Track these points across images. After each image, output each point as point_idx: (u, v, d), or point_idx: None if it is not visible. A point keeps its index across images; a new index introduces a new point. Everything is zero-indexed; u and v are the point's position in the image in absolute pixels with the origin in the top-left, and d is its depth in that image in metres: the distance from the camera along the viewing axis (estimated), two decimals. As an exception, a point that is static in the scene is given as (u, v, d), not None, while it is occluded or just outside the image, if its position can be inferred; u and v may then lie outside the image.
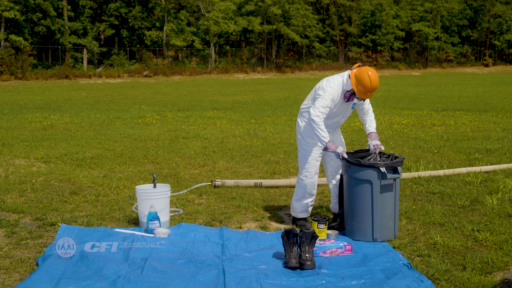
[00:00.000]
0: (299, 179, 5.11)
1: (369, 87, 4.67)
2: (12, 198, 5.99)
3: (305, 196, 5.09)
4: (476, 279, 3.70)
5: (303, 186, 5.07)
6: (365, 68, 4.73)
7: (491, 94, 22.81)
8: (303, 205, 5.11)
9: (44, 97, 22.10)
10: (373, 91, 4.71)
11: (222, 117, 14.43)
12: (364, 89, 4.70)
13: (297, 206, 5.13)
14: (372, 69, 4.71)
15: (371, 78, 4.65)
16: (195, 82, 36.62)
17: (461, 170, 7.17)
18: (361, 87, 4.71)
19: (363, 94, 4.74)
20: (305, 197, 5.09)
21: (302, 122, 5.10)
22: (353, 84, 4.74)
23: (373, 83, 4.66)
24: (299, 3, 51.46)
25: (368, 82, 4.65)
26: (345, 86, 4.83)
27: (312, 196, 5.13)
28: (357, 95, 4.80)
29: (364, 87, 4.69)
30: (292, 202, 5.18)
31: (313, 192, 5.11)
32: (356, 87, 4.72)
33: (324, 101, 4.79)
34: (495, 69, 57.41)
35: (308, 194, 5.09)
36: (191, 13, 51.50)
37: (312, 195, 5.12)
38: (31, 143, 9.81)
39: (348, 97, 4.84)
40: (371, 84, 4.66)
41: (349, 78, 4.78)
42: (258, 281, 3.73)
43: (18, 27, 41.92)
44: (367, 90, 4.70)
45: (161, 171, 7.47)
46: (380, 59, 55.05)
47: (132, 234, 4.71)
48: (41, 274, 3.75)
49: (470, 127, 12.06)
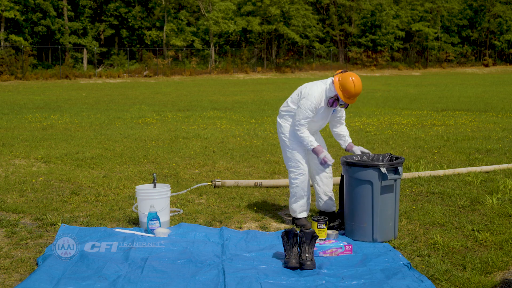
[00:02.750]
0: (291, 180, 5.15)
1: (353, 92, 4.77)
2: (12, 198, 5.99)
3: (302, 195, 5.11)
4: (476, 279, 3.70)
5: (297, 186, 5.11)
6: (348, 73, 4.84)
7: (491, 94, 22.82)
8: (301, 204, 5.12)
9: (44, 97, 22.11)
10: (357, 95, 4.82)
11: (222, 117, 14.44)
12: (348, 94, 4.79)
13: (295, 207, 5.14)
14: (355, 75, 4.82)
15: (355, 83, 4.76)
16: (195, 82, 36.63)
17: (461, 170, 7.17)
18: (345, 93, 4.79)
19: (347, 99, 4.83)
20: (302, 197, 5.11)
21: (284, 123, 5.17)
22: (337, 90, 4.82)
23: (357, 87, 4.77)
24: (299, 3, 51.48)
25: (352, 87, 4.75)
26: (328, 93, 4.92)
27: (308, 194, 5.15)
28: (340, 100, 4.88)
29: (348, 92, 4.78)
30: (289, 203, 5.19)
31: (307, 189, 5.13)
32: (341, 92, 4.80)
33: (305, 113, 4.90)
34: (495, 69, 57.41)
35: (304, 192, 5.12)
36: (191, 13, 51.51)
37: (308, 192, 5.14)
38: (31, 143, 9.81)
39: (332, 103, 4.92)
40: (355, 89, 4.76)
41: (333, 84, 4.86)
42: (258, 281, 3.73)
43: (18, 27, 41.93)
44: (351, 95, 4.79)
45: (161, 171, 7.47)
46: (380, 59, 55.05)
47: (132, 234, 4.71)
48: (41, 274, 3.75)
49: (470, 127, 12.06)
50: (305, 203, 5.13)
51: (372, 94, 23.98)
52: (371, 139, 10.35)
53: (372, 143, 9.86)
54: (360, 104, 18.37)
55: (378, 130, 11.70)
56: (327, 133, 11.17)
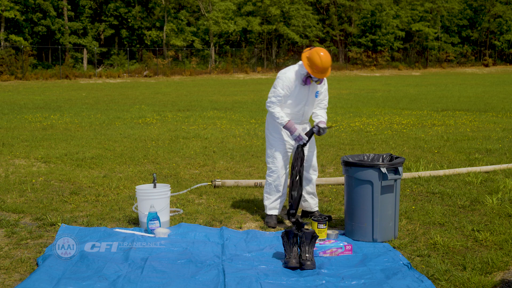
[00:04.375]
0: (266, 177, 5.21)
1: (321, 66, 4.80)
2: (12, 198, 5.99)
3: (274, 193, 5.16)
4: (476, 279, 3.70)
5: (270, 184, 5.17)
6: (316, 48, 4.88)
7: (491, 94, 22.82)
8: (271, 202, 5.17)
9: (44, 97, 22.11)
10: (325, 69, 4.83)
11: (222, 117, 14.43)
12: (316, 69, 4.83)
13: (266, 203, 5.20)
14: (322, 49, 4.86)
15: (321, 57, 4.78)
16: (195, 82, 36.62)
17: (461, 170, 7.17)
18: (313, 68, 4.83)
19: (317, 74, 4.85)
20: (273, 195, 5.16)
21: (269, 118, 5.23)
22: (306, 66, 4.87)
23: (324, 61, 4.79)
24: (299, 3, 51.48)
25: (319, 61, 4.78)
26: (301, 71, 4.97)
27: (279, 193, 5.17)
28: (313, 77, 4.91)
29: (316, 67, 4.82)
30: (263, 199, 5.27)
31: (280, 189, 5.16)
32: (309, 68, 4.85)
33: (276, 91, 4.99)
34: (495, 69, 57.40)
35: (276, 191, 5.15)
36: (191, 13, 51.51)
37: (280, 192, 5.17)
38: (31, 143, 9.81)
39: (305, 80, 4.96)
40: (322, 63, 4.78)
41: (302, 60, 4.93)
42: (258, 281, 3.73)
43: (18, 27, 41.93)
44: (319, 69, 4.82)
45: (161, 171, 7.47)
46: (380, 59, 55.05)
47: (132, 234, 4.70)
48: (41, 274, 3.75)
49: (470, 127, 12.06)
50: (277, 201, 5.17)
51: (372, 94, 23.99)
52: (371, 139, 10.35)
53: (372, 143, 9.86)
54: (360, 104, 18.37)
55: (378, 130, 11.70)
56: (326, 133, 11.17)
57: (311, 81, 4.96)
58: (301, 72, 4.97)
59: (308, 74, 4.91)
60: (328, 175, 7.27)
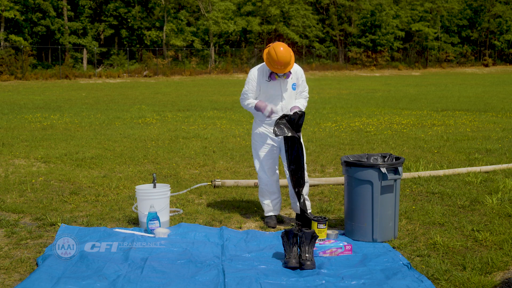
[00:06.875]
0: (257, 181, 5.23)
1: (276, 60, 4.80)
2: (12, 198, 5.99)
3: (265, 194, 5.19)
4: (476, 279, 3.70)
5: (262, 188, 5.21)
6: (275, 44, 4.89)
7: (491, 94, 22.82)
8: (266, 203, 5.20)
9: (44, 97, 22.10)
10: (281, 63, 4.81)
11: (222, 117, 14.43)
12: (273, 63, 4.84)
13: (263, 207, 5.24)
14: (282, 44, 4.86)
15: (276, 52, 4.78)
16: (195, 82, 36.62)
17: (461, 170, 7.17)
18: (271, 63, 4.85)
19: (275, 68, 4.86)
20: (265, 196, 5.19)
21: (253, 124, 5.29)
22: (266, 62, 4.90)
23: (279, 56, 4.78)
24: (299, 3, 51.49)
25: (275, 56, 4.79)
26: (265, 67, 5.02)
27: (274, 194, 5.19)
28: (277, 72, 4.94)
29: (273, 61, 4.83)
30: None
31: (272, 189, 5.18)
32: (268, 63, 4.87)
33: (245, 87, 5.08)
34: (495, 69, 57.41)
35: (267, 192, 5.17)
36: (191, 13, 51.51)
37: (273, 193, 5.18)
38: (31, 143, 9.81)
39: (270, 76, 4.98)
40: (277, 57, 4.79)
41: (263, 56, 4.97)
42: (258, 281, 3.73)
43: (18, 27, 41.92)
44: (275, 64, 4.83)
45: (161, 171, 7.47)
46: (380, 59, 55.04)
47: (132, 234, 4.70)
48: (41, 274, 3.75)
49: (470, 127, 12.06)
50: (273, 203, 5.19)
51: (372, 94, 23.99)
52: (371, 139, 10.35)
53: (372, 143, 9.86)
54: (360, 104, 18.37)
55: (378, 130, 11.70)
56: (326, 133, 11.17)
57: (276, 76, 4.96)
58: (265, 68, 5.02)
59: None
60: (328, 175, 7.27)
